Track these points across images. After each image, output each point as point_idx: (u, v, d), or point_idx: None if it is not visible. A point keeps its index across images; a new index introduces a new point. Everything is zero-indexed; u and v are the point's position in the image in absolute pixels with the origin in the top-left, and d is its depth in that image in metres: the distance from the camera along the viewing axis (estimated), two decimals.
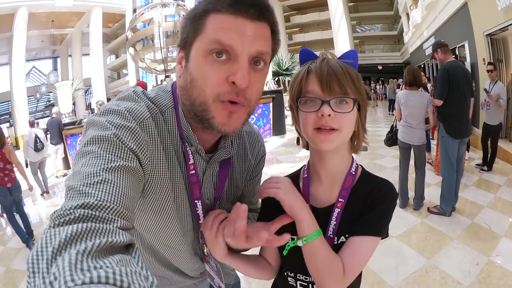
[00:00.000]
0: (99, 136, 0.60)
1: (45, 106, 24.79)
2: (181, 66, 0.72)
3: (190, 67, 0.68)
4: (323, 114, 0.74)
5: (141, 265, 0.41)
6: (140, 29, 10.05)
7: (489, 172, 5.21)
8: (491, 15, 6.44)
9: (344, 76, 0.75)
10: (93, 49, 19.40)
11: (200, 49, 0.65)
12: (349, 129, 0.78)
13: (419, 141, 3.82)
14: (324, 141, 0.76)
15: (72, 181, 0.53)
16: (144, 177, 0.66)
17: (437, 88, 3.46)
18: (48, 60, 26.60)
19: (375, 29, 28.84)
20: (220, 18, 0.63)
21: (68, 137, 8.34)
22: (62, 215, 0.45)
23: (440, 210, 3.72)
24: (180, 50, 0.72)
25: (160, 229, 0.82)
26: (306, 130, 0.79)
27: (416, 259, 2.88)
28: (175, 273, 0.96)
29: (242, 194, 0.99)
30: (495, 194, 4.28)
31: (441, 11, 10.46)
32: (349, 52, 0.81)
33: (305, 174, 0.90)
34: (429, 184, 4.64)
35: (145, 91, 0.77)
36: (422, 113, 3.74)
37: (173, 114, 0.76)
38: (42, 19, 19.36)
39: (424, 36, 14.12)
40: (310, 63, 0.80)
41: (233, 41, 0.62)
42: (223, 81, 0.64)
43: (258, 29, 0.65)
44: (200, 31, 0.65)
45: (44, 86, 21.02)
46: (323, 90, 0.75)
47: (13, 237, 4.47)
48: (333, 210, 0.82)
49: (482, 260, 2.77)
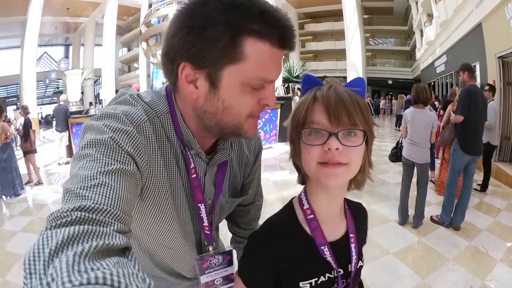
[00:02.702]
0: (96, 140, 0.60)
1: (54, 92, 24.95)
2: (195, 86, 0.67)
3: (223, 95, 0.66)
4: (330, 148, 0.67)
5: (138, 267, 0.41)
6: (154, 24, 10.10)
7: (491, 195, 5.17)
8: (505, 38, 6.43)
9: (353, 105, 0.68)
10: (106, 40, 19.53)
11: (239, 80, 0.64)
12: (357, 164, 0.72)
13: (423, 160, 3.83)
14: (330, 177, 0.70)
15: (69, 184, 0.53)
16: (141, 180, 0.66)
17: (460, 106, 3.73)
18: (60, 47, 26.88)
19: (388, 43, 28.83)
20: (262, 49, 0.62)
21: (74, 126, 8.38)
22: (59, 217, 0.45)
23: (440, 220, 3.95)
24: (189, 66, 0.64)
25: (160, 232, 0.82)
26: (309, 165, 0.72)
27: (411, 278, 2.86)
28: (172, 275, 0.97)
29: (242, 188, 0.98)
30: (494, 218, 4.25)
31: (455, 29, 10.46)
32: (356, 79, 0.75)
33: (310, 214, 0.81)
34: (430, 203, 4.61)
35: (140, 95, 0.76)
36: (428, 132, 3.78)
37: (169, 118, 0.74)
38: (57, 5, 19.55)
39: (436, 53, 14.10)
40: (316, 90, 0.74)
41: (274, 76, 0.67)
42: (256, 103, 0.68)
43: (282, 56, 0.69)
44: (237, 60, 0.61)
45: (54, 73, 21.20)
46: (330, 121, 0.69)
47: (10, 219, 4.52)
48: (350, 245, 0.83)
49: (476, 283, 2.75)
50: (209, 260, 0.92)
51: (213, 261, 0.93)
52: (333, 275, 0.81)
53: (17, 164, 5.64)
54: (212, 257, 0.92)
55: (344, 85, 0.74)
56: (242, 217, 1.11)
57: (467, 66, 3.94)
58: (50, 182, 6.60)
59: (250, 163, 0.97)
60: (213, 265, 0.93)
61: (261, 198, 1.13)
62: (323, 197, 0.79)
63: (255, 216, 1.13)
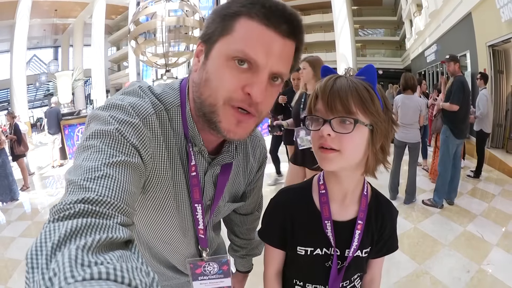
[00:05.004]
0: (101, 131, 0.59)
1: (44, 95, 24.64)
2: (198, 60, 0.70)
3: (208, 66, 0.66)
4: (322, 133, 0.72)
5: (142, 260, 0.40)
6: (143, 22, 10.00)
7: (485, 181, 5.27)
8: (495, 27, 6.47)
9: (349, 94, 0.71)
10: (94, 40, 19.28)
11: (223, 52, 0.63)
12: (352, 152, 0.74)
13: (414, 139, 4.22)
14: (323, 160, 0.75)
15: (73, 175, 0.52)
16: (145, 173, 0.66)
17: (456, 96, 3.94)
18: (49, 49, 26.45)
19: (377, 33, 28.72)
20: (251, 25, 0.61)
21: (66, 127, 8.34)
22: (62, 209, 0.44)
23: (433, 202, 4.16)
24: (200, 43, 0.69)
25: (160, 226, 0.81)
26: (314, 148, 0.78)
27: (407, 264, 2.90)
28: (170, 269, 0.97)
29: (242, 195, 0.98)
30: (489, 203, 4.32)
31: (444, 19, 10.48)
32: (366, 67, 0.76)
33: (322, 189, 0.87)
34: (424, 190, 4.71)
35: (151, 87, 0.75)
36: (416, 115, 4.17)
37: (179, 112, 0.74)
38: (45, 7, 19.24)
39: (426, 43, 14.13)
40: (321, 80, 0.78)
41: (258, 56, 0.61)
42: (238, 88, 0.63)
43: (285, 47, 0.64)
44: (227, 33, 0.63)
45: (44, 75, 20.89)
46: (325, 109, 0.74)
47: (7, 226, 4.47)
48: (354, 231, 0.85)
49: (473, 267, 2.80)
50: (203, 266, 0.91)
51: (208, 269, 0.92)
52: (330, 252, 0.86)
53: (11, 170, 5.60)
54: (207, 264, 0.92)
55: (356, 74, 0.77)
56: (240, 226, 1.12)
57: (455, 57, 4.14)
58: (45, 186, 6.55)
59: (254, 172, 0.97)
60: (208, 272, 0.92)
61: (260, 210, 1.14)
62: (332, 180, 0.85)
63: (252, 226, 1.14)
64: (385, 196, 0.95)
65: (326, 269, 0.87)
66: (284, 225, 0.90)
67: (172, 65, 10.17)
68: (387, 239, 0.92)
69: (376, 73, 0.75)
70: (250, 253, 1.17)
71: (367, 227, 0.87)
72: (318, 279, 0.89)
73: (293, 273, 0.94)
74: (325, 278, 0.87)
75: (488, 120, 5.48)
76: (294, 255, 0.90)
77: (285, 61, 0.66)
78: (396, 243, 0.96)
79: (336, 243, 0.85)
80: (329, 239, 0.85)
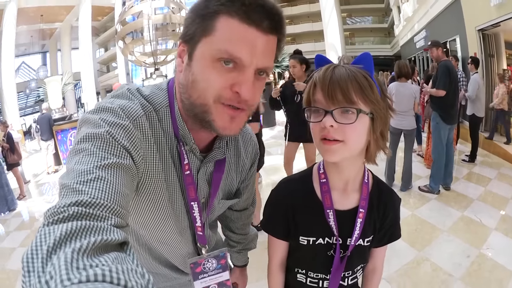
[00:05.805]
0: (92, 134, 0.59)
1: (35, 101, 24.35)
2: (181, 60, 0.70)
3: (193, 67, 0.66)
4: (325, 125, 0.71)
5: (137, 262, 0.41)
6: (129, 22, 9.92)
7: (480, 165, 5.30)
8: (484, 11, 6.47)
9: (349, 83, 0.70)
10: (82, 43, 19.04)
11: (207, 53, 0.63)
12: (356, 141, 0.74)
13: (410, 126, 4.23)
14: (327, 152, 0.75)
15: (65, 179, 0.52)
16: (137, 175, 0.66)
17: (441, 81, 3.93)
18: (37, 55, 26.10)
19: (365, 21, 28.70)
20: (231, 24, 0.61)
21: (59, 133, 8.25)
22: (56, 213, 0.44)
23: (429, 189, 4.19)
24: (182, 43, 0.69)
25: (156, 227, 0.82)
26: (315, 141, 0.77)
27: (407, 251, 2.92)
28: (171, 269, 0.97)
29: (236, 192, 0.99)
30: (485, 187, 4.35)
31: (432, 5, 10.48)
32: (362, 55, 0.76)
33: (323, 178, 0.88)
34: (419, 177, 4.74)
35: (139, 89, 0.76)
36: (411, 102, 4.18)
37: (168, 112, 0.75)
38: (31, 13, 18.93)
39: (415, 29, 14.15)
40: (316, 71, 0.77)
41: (242, 54, 0.62)
42: (227, 87, 0.64)
43: (268, 43, 0.65)
44: (208, 33, 0.63)
45: (34, 82, 20.70)
46: (326, 100, 0.72)
47: (6, 237, 4.44)
48: (356, 220, 0.86)
49: (473, 252, 2.82)
50: (203, 263, 0.92)
51: (207, 265, 0.93)
52: (332, 241, 0.86)
53: (7, 180, 5.55)
54: (206, 260, 0.92)
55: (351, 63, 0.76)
56: (236, 222, 1.14)
57: (438, 42, 4.18)
58: (42, 193, 6.50)
59: (246, 168, 0.98)
60: (207, 269, 0.93)
61: (254, 205, 1.17)
62: (333, 168, 0.86)
63: (247, 221, 1.16)
64: (387, 184, 0.96)
65: (328, 258, 0.88)
66: (287, 216, 0.90)
67: (161, 63, 10.14)
68: (388, 228, 0.93)
69: (372, 61, 0.75)
70: (246, 247, 1.20)
71: (369, 215, 0.88)
72: (320, 268, 0.90)
73: (295, 262, 0.95)
74: (327, 267, 0.88)
75: (480, 104, 5.50)
76: (296, 245, 0.91)
77: (269, 56, 0.67)
78: (398, 231, 0.97)
79: (339, 232, 0.86)
80: (332, 228, 0.85)
